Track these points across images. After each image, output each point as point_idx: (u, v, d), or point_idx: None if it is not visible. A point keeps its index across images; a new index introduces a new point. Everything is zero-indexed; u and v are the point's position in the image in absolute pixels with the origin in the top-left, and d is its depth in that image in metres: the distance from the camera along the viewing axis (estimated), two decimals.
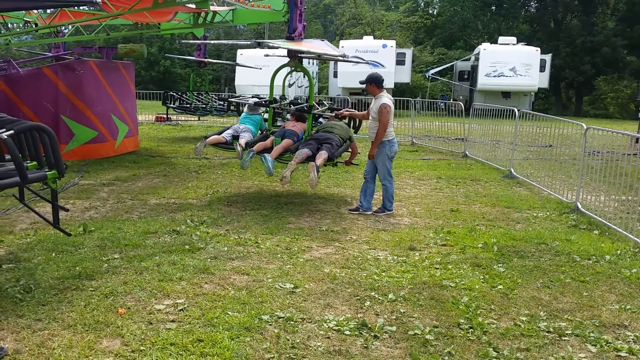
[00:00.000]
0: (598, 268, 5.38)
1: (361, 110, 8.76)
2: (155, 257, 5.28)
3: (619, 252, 5.88)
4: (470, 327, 3.99)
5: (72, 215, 6.96)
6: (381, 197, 7.55)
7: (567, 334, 3.96)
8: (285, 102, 9.00)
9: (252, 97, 12.70)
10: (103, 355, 3.45)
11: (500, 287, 4.80)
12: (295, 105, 9.01)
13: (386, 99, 7.27)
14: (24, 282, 4.57)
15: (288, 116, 8.77)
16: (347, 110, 7.93)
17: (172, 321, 3.95)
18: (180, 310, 4.14)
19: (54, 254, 5.31)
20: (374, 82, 7.27)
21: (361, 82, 7.46)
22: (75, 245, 5.59)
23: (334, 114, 8.17)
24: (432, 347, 3.70)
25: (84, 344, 3.56)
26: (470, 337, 3.85)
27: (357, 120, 8.67)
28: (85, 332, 3.73)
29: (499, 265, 5.37)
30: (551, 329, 4.02)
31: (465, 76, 33.33)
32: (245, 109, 9.03)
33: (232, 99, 16.61)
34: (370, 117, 7.39)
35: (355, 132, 8.26)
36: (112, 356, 3.45)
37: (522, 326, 4.05)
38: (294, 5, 7.79)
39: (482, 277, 5.04)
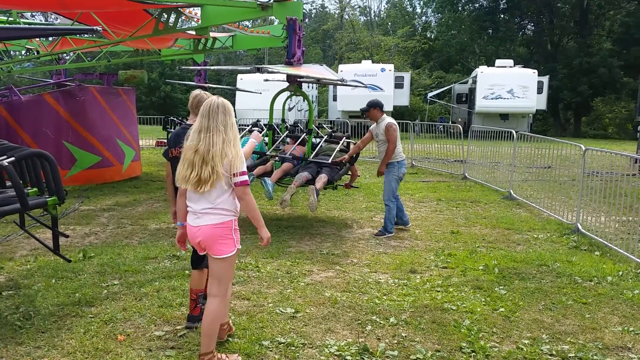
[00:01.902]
0: (600, 289, 5.35)
1: (359, 135, 8.92)
2: (155, 283, 5.26)
3: (620, 273, 5.86)
4: (473, 351, 3.96)
5: (72, 241, 6.95)
6: (382, 219, 7.56)
7: (570, 356, 3.93)
8: (287, 124, 9.07)
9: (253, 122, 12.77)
10: None
11: (502, 309, 4.77)
12: (293, 129, 9.06)
13: (390, 119, 7.56)
14: (24, 309, 4.55)
15: (288, 139, 8.82)
16: (348, 156, 7.91)
17: (172, 348, 3.93)
18: (180, 336, 4.11)
19: (53, 281, 5.29)
20: (378, 106, 7.51)
21: (363, 110, 7.65)
22: (75, 272, 5.58)
23: (331, 161, 7.88)
24: None
25: None
26: None
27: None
28: None
29: (500, 287, 5.34)
30: (554, 352, 3.99)
31: (464, 99, 33.56)
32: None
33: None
34: (377, 141, 7.60)
35: (352, 164, 8.28)
36: None
37: (525, 349, 4.02)
38: (292, 31, 7.89)
39: (483, 299, 5.01)
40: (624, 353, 4.03)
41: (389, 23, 55.07)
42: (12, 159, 4.36)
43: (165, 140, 20.07)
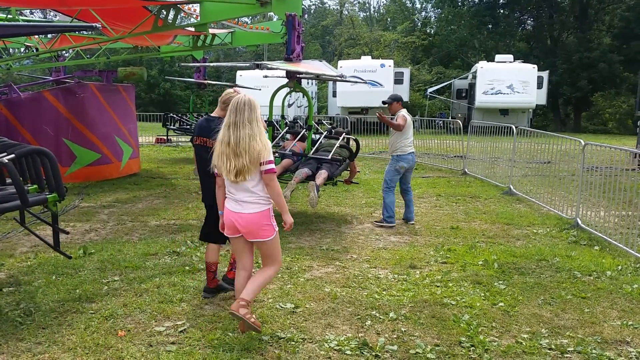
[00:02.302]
0: (599, 284, 5.37)
1: (359, 131, 9.12)
2: (155, 279, 5.27)
3: (619, 267, 5.87)
4: (472, 345, 3.98)
5: (73, 237, 6.96)
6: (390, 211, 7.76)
7: (569, 351, 3.95)
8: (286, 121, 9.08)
9: None
10: None
11: (501, 304, 4.79)
12: (293, 125, 9.07)
13: (404, 111, 8.01)
14: (25, 306, 4.57)
15: (287, 136, 8.82)
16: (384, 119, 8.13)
17: (173, 343, 3.94)
18: (181, 332, 4.13)
19: (54, 277, 5.31)
20: (397, 100, 8.08)
21: (385, 102, 8.19)
22: (75, 268, 5.59)
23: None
24: None
25: None
26: (472, 356, 3.84)
27: (357, 144, 8.79)
28: (86, 355, 3.72)
29: (500, 282, 5.36)
30: (553, 346, 4.00)
31: (463, 94, 33.51)
32: None
33: None
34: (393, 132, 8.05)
35: (352, 160, 8.30)
36: None
37: (524, 344, 4.04)
38: (291, 27, 7.89)
39: (483, 294, 5.03)
40: (622, 347, 4.05)
41: (389, 18, 54.97)
42: (12, 156, 4.36)
43: (165, 137, 20.15)
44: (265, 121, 8.85)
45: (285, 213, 4.00)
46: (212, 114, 4.80)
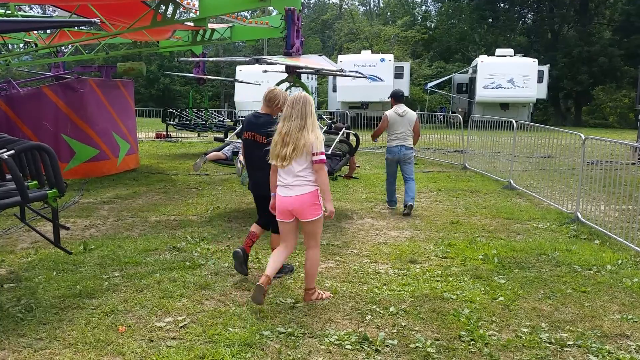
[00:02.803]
0: (599, 278, 5.37)
1: (359, 126, 9.45)
2: (155, 275, 5.28)
3: (620, 261, 5.88)
4: (472, 339, 3.98)
5: (73, 233, 6.97)
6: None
7: (569, 344, 3.96)
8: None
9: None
10: None
11: (501, 298, 4.79)
12: None
13: (388, 111, 8.47)
14: (25, 302, 4.57)
15: None
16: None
17: (173, 338, 3.95)
18: (181, 327, 4.14)
19: (54, 273, 5.31)
20: (394, 96, 8.62)
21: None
22: (76, 264, 5.60)
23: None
24: None
25: None
26: (472, 350, 3.85)
27: (357, 139, 8.82)
28: (87, 351, 3.73)
29: (500, 276, 5.36)
30: (553, 340, 4.01)
31: (464, 88, 33.47)
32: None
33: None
34: None
35: (351, 155, 8.31)
36: None
37: (524, 337, 4.04)
38: (291, 22, 7.87)
39: (483, 288, 5.03)
40: (622, 341, 4.05)
41: (389, 13, 54.82)
42: (12, 151, 4.36)
43: (165, 133, 20.14)
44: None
45: (328, 202, 4.44)
46: (259, 111, 5.29)
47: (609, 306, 4.70)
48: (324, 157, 4.36)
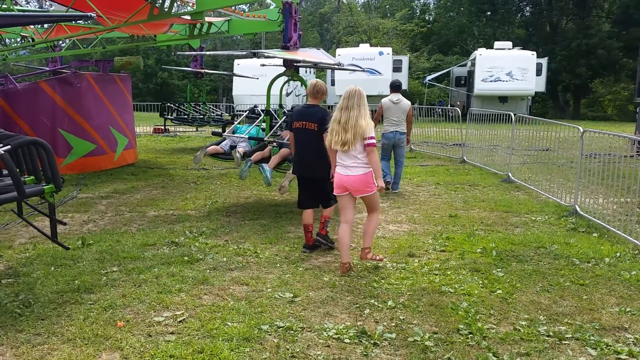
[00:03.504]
0: (597, 271, 5.37)
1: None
2: (154, 269, 5.27)
3: (618, 254, 5.88)
4: (470, 333, 3.99)
5: (71, 228, 6.96)
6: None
7: (567, 337, 3.96)
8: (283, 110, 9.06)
9: (250, 107, 12.73)
10: None
11: (500, 291, 4.79)
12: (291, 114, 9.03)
13: (384, 98, 9.47)
14: (23, 297, 4.57)
15: (285, 125, 8.78)
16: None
17: (172, 333, 3.95)
18: (180, 321, 4.14)
19: (52, 268, 5.31)
20: (392, 86, 9.50)
21: None
22: (74, 259, 5.59)
23: None
24: (431, 353, 3.70)
25: (83, 358, 3.56)
26: (470, 343, 3.85)
27: None
28: (85, 346, 3.73)
29: (498, 270, 5.37)
30: (551, 333, 4.01)
31: (462, 82, 33.45)
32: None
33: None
34: None
35: None
36: None
37: (522, 331, 4.05)
38: (288, 15, 7.83)
39: (481, 282, 5.04)
40: (620, 333, 4.06)
41: (387, 5, 54.64)
42: (8, 147, 4.34)
43: (163, 127, 20.12)
44: (262, 110, 8.85)
45: (379, 178, 5.20)
46: (309, 103, 5.97)
47: (607, 299, 4.70)
48: (374, 140, 5.09)
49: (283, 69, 7.87)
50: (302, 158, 5.93)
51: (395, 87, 9.46)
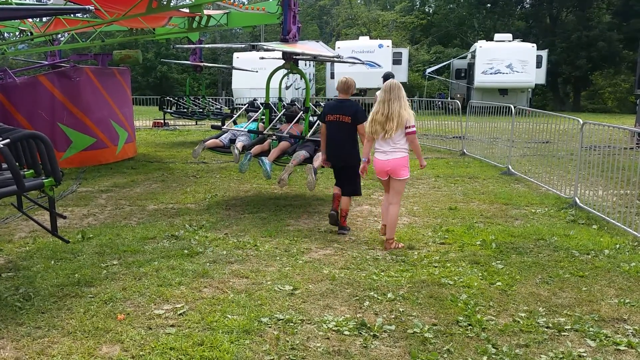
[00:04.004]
0: (597, 263, 5.38)
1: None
2: (154, 263, 5.28)
3: (617, 246, 5.89)
4: (469, 324, 4.00)
5: (71, 222, 6.96)
6: None
7: (566, 329, 3.97)
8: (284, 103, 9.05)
9: (249, 101, 12.70)
10: None
11: (499, 283, 4.80)
12: (290, 107, 9.02)
13: (379, 90, 9.56)
14: (24, 290, 4.57)
15: (284, 118, 8.77)
16: None
17: (172, 326, 3.96)
18: (180, 314, 4.15)
19: (52, 262, 5.32)
20: (383, 78, 9.57)
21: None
22: (74, 253, 5.60)
23: None
24: (431, 345, 3.71)
25: (83, 351, 3.57)
26: (469, 334, 3.86)
27: None
28: (85, 339, 3.74)
29: (498, 262, 5.37)
30: (550, 325, 4.02)
31: (462, 74, 33.36)
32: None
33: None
34: None
35: None
36: None
37: (521, 322, 4.06)
38: (287, 7, 7.80)
39: (480, 274, 5.04)
40: (619, 325, 4.07)
41: None
42: (7, 140, 4.33)
43: (162, 121, 20.10)
44: (262, 104, 8.84)
45: (421, 158, 5.98)
46: (339, 97, 6.43)
47: (606, 290, 4.71)
48: (415, 128, 5.71)
49: (282, 61, 7.85)
50: (336, 148, 6.41)
51: (387, 78, 9.52)
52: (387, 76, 9.52)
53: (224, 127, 8.68)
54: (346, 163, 6.42)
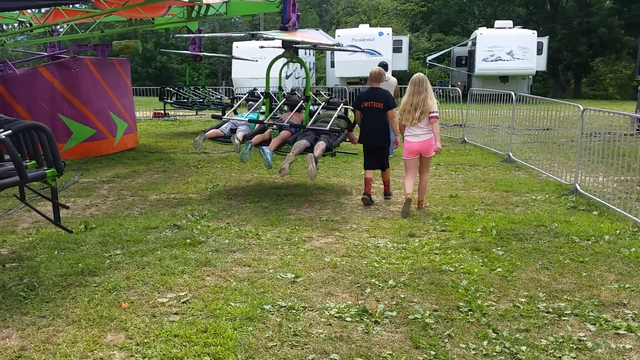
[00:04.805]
0: (597, 248, 5.41)
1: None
2: (157, 252, 5.32)
3: (618, 232, 5.91)
4: (470, 310, 4.03)
5: (73, 213, 7.00)
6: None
7: (566, 313, 4.00)
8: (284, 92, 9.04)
9: (249, 90, 12.67)
10: (108, 349, 3.50)
11: (499, 269, 4.84)
12: (291, 97, 9.01)
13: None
14: (28, 280, 4.62)
15: (285, 107, 8.77)
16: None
17: (176, 314, 4.00)
18: (183, 302, 4.19)
19: (56, 252, 5.35)
20: (378, 66, 9.22)
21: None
22: (77, 243, 5.63)
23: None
24: (432, 330, 3.75)
25: (88, 339, 3.61)
26: (470, 320, 3.90)
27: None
28: (90, 327, 3.78)
29: (498, 248, 5.40)
30: (550, 310, 4.06)
31: (463, 62, 33.21)
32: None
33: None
34: None
35: (350, 130, 8.28)
36: (117, 349, 3.49)
37: (522, 307, 4.09)
38: None
39: (481, 260, 5.08)
40: (619, 309, 4.10)
41: None
42: (9, 131, 4.35)
43: (162, 112, 20.07)
44: (262, 93, 8.82)
45: (438, 141, 6.75)
46: (373, 86, 7.35)
47: (606, 276, 4.74)
48: (437, 114, 6.69)
49: (282, 50, 7.84)
50: (370, 131, 7.30)
51: (382, 66, 10.02)
52: (380, 65, 9.72)
53: (225, 117, 8.68)
54: (378, 144, 7.35)
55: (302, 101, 8.17)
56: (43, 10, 12.55)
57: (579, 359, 3.40)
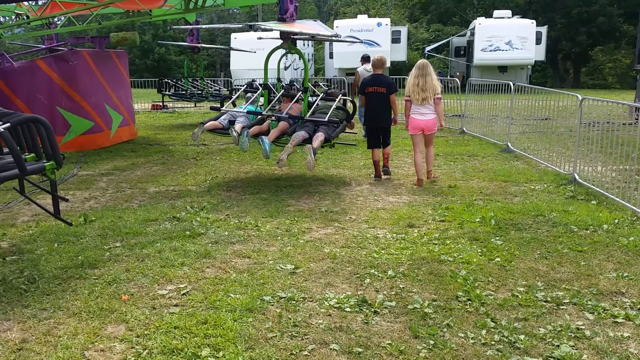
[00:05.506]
0: (596, 237, 5.43)
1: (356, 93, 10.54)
2: (156, 244, 5.33)
3: (616, 221, 5.92)
4: (469, 299, 4.05)
5: (73, 205, 7.00)
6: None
7: (564, 302, 4.02)
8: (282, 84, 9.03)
9: (248, 82, 12.64)
10: (108, 341, 3.51)
11: (498, 259, 4.85)
12: (289, 88, 8.99)
13: (359, 67, 11.83)
14: (28, 273, 4.63)
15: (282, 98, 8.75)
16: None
17: (176, 305, 4.02)
18: (183, 294, 4.20)
19: (56, 245, 5.36)
20: (362, 59, 11.82)
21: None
22: (76, 235, 5.64)
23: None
24: (431, 319, 3.77)
25: (89, 331, 3.63)
26: (469, 309, 3.92)
27: (354, 105, 8.94)
28: (90, 319, 3.80)
29: (497, 238, 5.42)
30: (549, 299, 4.08)
31: (462, 52, 33.12)
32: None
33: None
34: None
35: (348, 121, 8.29)
36: (117, 341, 3.51)
37: (520, 297, 4.11)
38: None
39: (479, 250, 5.09)
40: (617, 298, 4.12)
41: None
42: (8, 124, 4.35)
43: (161, 104, 20.04)
44: (260, 84, 8.81)
45: (442, 119, 7.88)
46: (376, 72, 8.13)
47: (605, 265, 4.76)
48: (441, 96, 7.76)
49: (280, 41, 7.81)
50: (375, 113, 8.10)
51: (365, 58, 11.61)
52: (363, 57, 11.41)
53: (223, 108, 8.66)
54: (382, 124, 8.16)
55: (300, 92, 8.16)
56: (40, 2, 12.50)
57: (577, 348, 3.42)
